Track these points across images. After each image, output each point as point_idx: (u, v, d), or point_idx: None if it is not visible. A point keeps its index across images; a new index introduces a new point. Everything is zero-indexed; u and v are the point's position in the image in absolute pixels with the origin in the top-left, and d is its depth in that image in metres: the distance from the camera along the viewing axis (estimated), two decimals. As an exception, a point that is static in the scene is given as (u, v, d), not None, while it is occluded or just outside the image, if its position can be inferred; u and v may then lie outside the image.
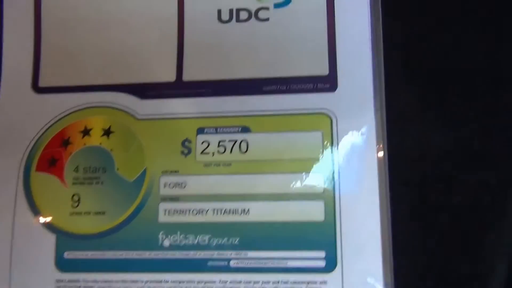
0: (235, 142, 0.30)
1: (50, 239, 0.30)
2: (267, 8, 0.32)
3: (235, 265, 0.29)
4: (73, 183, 0.30)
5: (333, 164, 0.29)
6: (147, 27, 0.32)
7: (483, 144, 0.31)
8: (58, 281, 0.29)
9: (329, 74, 0.31)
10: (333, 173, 0.29)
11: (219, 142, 0.30)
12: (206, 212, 0.29)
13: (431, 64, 0.32)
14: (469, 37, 0.32)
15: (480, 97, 0.31)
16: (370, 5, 0.31)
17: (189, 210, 0.29)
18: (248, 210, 0.29)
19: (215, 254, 0.29)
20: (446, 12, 0.32)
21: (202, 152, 0.30)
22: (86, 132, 0.31)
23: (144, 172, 0.30)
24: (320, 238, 0.28)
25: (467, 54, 0.32)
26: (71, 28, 0.32)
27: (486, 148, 0.31)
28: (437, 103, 0.31)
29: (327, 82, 0.30)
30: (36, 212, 0.30)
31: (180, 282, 0.29)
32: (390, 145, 0.29)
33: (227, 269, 0.29)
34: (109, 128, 0.31)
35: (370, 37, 0.30)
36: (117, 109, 0.31)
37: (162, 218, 0.29)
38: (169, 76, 0.31)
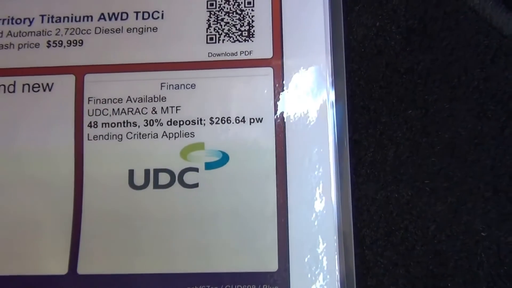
0: None
1: None
2: (195, 169, 0.23)
3: None
4: None
5: None
6: (33, 196, 0.23)
7: None
8: None
9: (278, 269, 0.21)
10: None
11: None
12: None
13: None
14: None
15: None
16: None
17: None
18: None
19: None
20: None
21: None
22: None
23: None
24: None
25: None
26: None
27: None
28: None
29: (275, 284, 0.21)
30: None
31: None
32: None
33: None
34: None
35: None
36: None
37: None
38: (60, 267, 0.22)
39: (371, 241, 0.23)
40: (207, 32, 0.24)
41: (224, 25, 0.24)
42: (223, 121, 0.23)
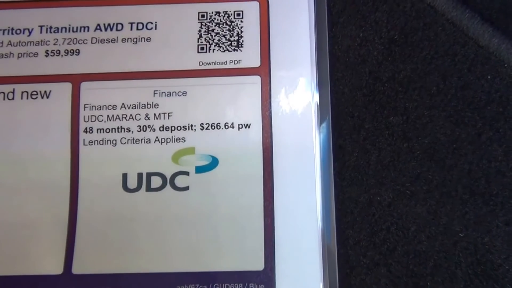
0: None
1: None
2: (186, 173, 0.24)
3: None
4: None
5: None
6: (30, 198, 0.24)
7: None
8: None
9: (264, 268, 0.22)
10: None
11: None
12: None
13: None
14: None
15: None
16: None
17: None
18: None
19: None
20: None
21: None
22: None
23: None
24: None
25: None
26: None
27: None
28: None
29: (261, 283, 0.22)
30: None
31: None
32: None
33: None
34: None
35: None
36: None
37: None
38: (55, 267, 0.23)
39: (354, 242, 0.24)
40: (198, 42, 0.25)
41: (215, 35, 0.25)
42: (213, 127, 0.24)
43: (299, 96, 0.24)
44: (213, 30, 0.25)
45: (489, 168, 0.24)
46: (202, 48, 0.25)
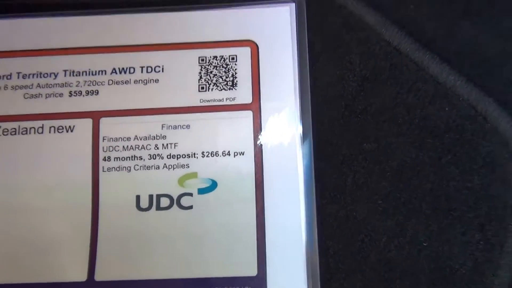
0: None
1: None
2: (190, 194, 0.28)
3: None
4: None
5: None
6: (58, 217, 0.28)
7: None
8: None
9: (257, 274, 0.26)
10: None
11: None
12: None
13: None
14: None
15: None
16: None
17: None
18: None
19: None
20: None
21: None
22: None
23: None
24: None
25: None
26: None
27: None
28: None
29: (255, 286, 0.26)
30: None
31: None
32: None
33: None
34: None
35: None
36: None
37: None
38: (80, 275, 0.28)
39: (334, 252, 0.28)
40: (199, 82, 0.29)
41: (213, 77, 0.29)
42: (212, 155, 0.28)
43: (285, 127, 0.29)
44: (211, 72, 0.29)
45: (448, 187, 0.28)
46: (202, 88, 0.29)
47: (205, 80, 0.29)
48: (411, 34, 0.30)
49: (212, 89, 0.29)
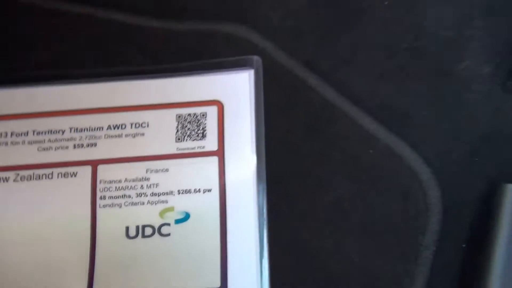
0: None
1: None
2: (168, 224, 0.35)
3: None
4: None
5: None
6: (62, 245, 0.35)
7: None
8: None
9: (220, 285, 0.33)
10: None
11: None
12: None
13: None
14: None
15: None
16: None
17: None
18: None
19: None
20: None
21: None
22: None
23: None
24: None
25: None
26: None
27: None
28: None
29: (218, 296, 0.33)
30: None
31: None
32: None
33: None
34: None
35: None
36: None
37: None
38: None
39: (282, 268, 0.34)
40: (176, 134, 0.37)
41: (187, 130, 0.37)
42: (186, 192, 0.35)
43: (244, 168, 0.36)
44: (186, 126, 0.37)
45: (374, 214, 0.35)
46: (179, 139, 0.37)
47: (181, 132, 0.37)
48: (343, 93, 0.37)
49: (186, 139, 0.36)
